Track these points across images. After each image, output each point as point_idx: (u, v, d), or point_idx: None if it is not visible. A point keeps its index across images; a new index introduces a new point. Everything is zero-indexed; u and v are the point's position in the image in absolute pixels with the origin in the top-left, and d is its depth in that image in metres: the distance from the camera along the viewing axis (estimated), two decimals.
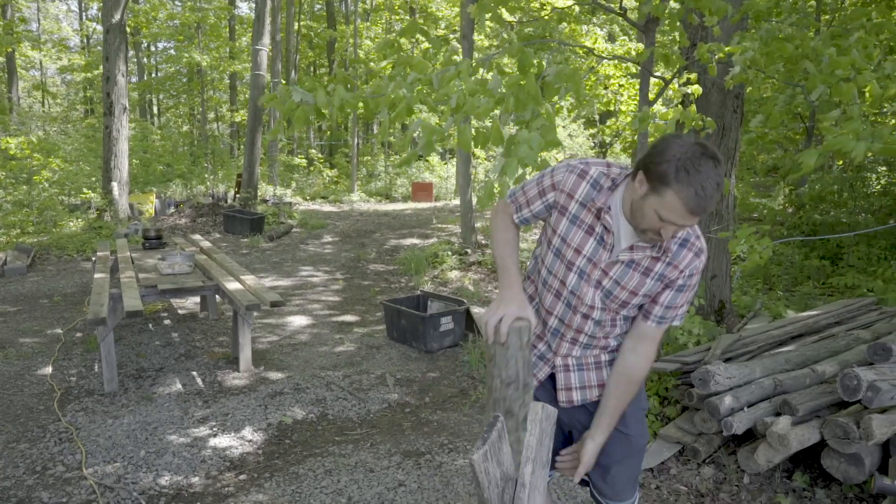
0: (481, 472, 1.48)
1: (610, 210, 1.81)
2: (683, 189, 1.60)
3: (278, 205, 14.05)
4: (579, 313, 1.91)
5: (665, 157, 1.63)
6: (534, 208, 1.94)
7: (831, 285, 7.25)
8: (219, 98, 26.55)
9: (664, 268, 1.82)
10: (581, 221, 1.85)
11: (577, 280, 1.88)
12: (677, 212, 1.63)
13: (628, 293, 1.85)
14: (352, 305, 7.17)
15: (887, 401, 3.06)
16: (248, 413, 4.24)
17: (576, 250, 1.86)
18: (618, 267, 1.83)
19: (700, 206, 1.60)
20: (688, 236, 1.82)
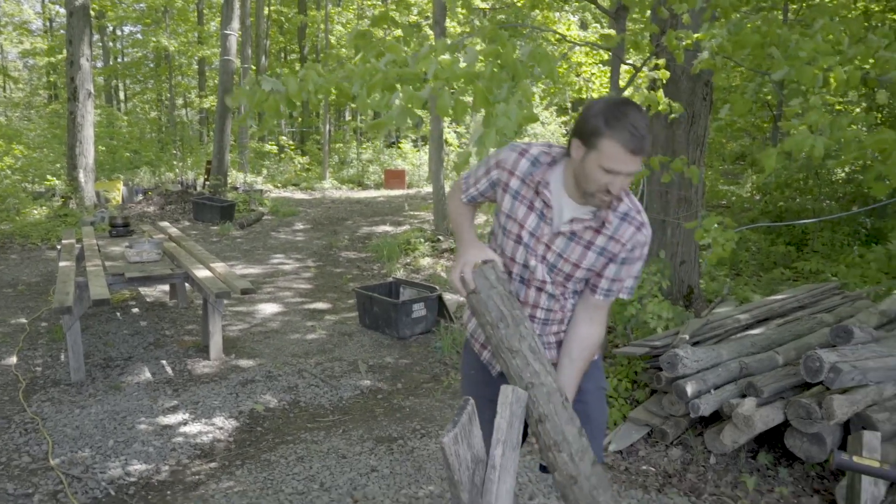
0: (452, 454, 1.49)
1: (549, 185, 1.86)
2: (617, 133, 1.66)
3: (249, 192, 13.88)
4: (533, 287, 1.95)
5: (591, 114, 1.71)
6: (479, 186, 2.01)
7: (796, 270, 7.40)
8: (187, 84, 26.10)
9: (606, 241, 1.85)
10: (522, 197, 1.90)
11: (524, 253, 1.92)
12: (618, 157, 1.67)
13: (571, 265, 1.89)
14: (324, 293, 7.13)
15: (848, 381, 3.14)
16: (219, 401, 4.21)
17: (520, 224, 1.91)
18: (560, 240, 1.87)
19: (638, 145, 1.66)
20: (628, 210, 1.85)
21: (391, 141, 23.62)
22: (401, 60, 2.62)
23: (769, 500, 3.07)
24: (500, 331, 1.75)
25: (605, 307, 1.98)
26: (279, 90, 2.75)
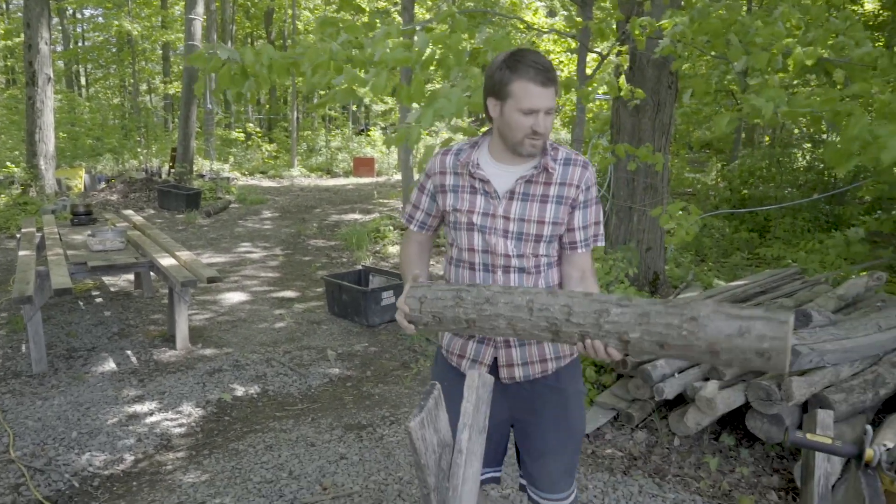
0: (418, 438, 1.50)
1: (479, 164, 1.89)
2: (523, 73, 1.72)
3: (215, 180, 13.68)
4: (499, 270, 1.90)
5: (494, 70, 1.79)
6: (423, 206, 2.03)
7: (758, 256, 7.56)
8: (151, 69, 25.54)
9: (559, 189, 1.86)
10: (462, 187, 1.92)
11: (481, 238, 1.89)
12: (532, 93, 1.73)
13: (536, 224, 1.87)
14: (292, 281, 7.08)
15: (806, 364, 3.22)
16: (186, 391, 4.16)
17: (469, 212, 1.90)
18: (515, 205, 1.86)
19: (547, 76, 1.72)
20: (568, 155, 1.89)
21: (360, 128, 23.47)
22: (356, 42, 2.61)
23: (731, 480, 3.15)
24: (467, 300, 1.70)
25: (590, 260, 1.97)
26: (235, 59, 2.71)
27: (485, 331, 1.71)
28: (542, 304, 1.62)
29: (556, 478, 2.02)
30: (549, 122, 1.78)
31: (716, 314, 1.42)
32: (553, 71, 1.75)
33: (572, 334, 1.58)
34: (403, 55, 2.57)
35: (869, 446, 1.19)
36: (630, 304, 1.53)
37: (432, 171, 1.99)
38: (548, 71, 1.73)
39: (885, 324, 3.76)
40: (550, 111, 1.77)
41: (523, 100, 1.73)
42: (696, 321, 1.43)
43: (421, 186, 2.03)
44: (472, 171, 1.88)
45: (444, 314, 1.73)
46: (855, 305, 4.50)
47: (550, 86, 1.74)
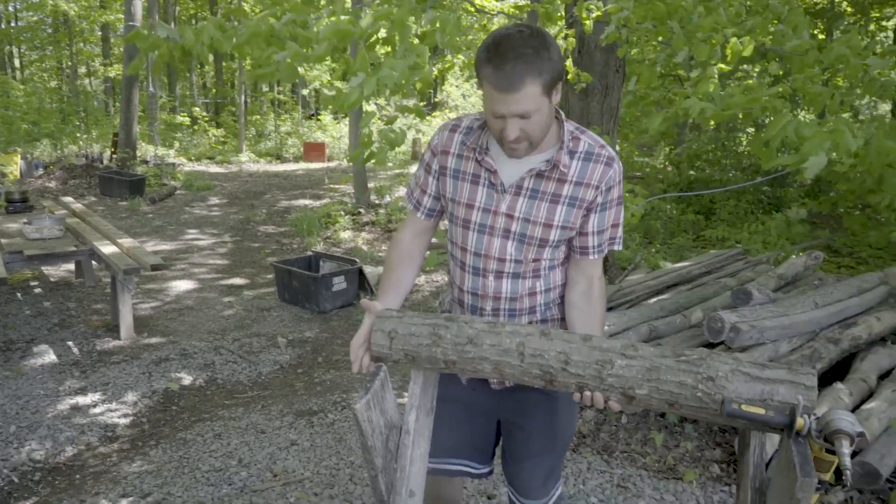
0: (364, 420, 1.49)
1: (488, 149, 1.64)
2: (486, 70, 1.47)
3: (160, 166, 13.31)
4: (490, 275, 1.70)
5: (481, 46, 1.51)
6: (429, 189, 1.77)
7: (704, 238, 7.75)
8: (90, 51, 24.60)
9: (574, 189, 1.62)
10: (463, 174, 1.69)
11: (477, 238, 1.69)
12: (492, 97, 1.48)
13: (543, 227, 1.64)
14: (241, 268, 6.96)
15: (747, 340, 3.32)
16: (131, 381, 4.06)
17: (467, 206, 1.68)
18: (521, 202, 1.63)
19: (502, 80, 1.44)
20: (590, 149, 1.62)
21: (311, 113, 23.12)
22: (300, 22, 2.57)
23: (675, 455, 3.23)
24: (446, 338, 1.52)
25: (600, 268, 1.76)
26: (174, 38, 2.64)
27: (467, 372, 1.55)
28: (534, 348, 1.45)
29: (537, 483, 1.90)
30: (529, 125, 1.51)
31: (734, 375, 1.32)
32: (526, 67, 1.43)
33: (569, 384, 1.45)
34: (346, 28, 2.54)
35: (800, 416, 1.23)
36: (637, 355, 1.40)
37: (437, 147, 1.73)
38: (512, 73, 1.43)
39: (822, 301, 3.90)
40: (527, 115, 1.48)
41: (488, 101, 1.50)
42: (713, 382, 1.32)
43: (427, 166, 1.76)
44: (479, 158, 1.65)
45: (418, 353, 1.55)
46: (794, 284, 4.65)
47: (514, 91, 1.44)
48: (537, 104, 1.48)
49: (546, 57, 1.46)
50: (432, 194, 1.78)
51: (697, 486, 2.99)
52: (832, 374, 3.74)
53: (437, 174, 1.74)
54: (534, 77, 1.44)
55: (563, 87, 1.61)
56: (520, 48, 1.44)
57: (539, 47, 1.45)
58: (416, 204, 1.81)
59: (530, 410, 1.81)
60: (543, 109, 1.51)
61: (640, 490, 2.96)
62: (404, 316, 1.60)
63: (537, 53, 1.44)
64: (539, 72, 1.45)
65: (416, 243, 1.83)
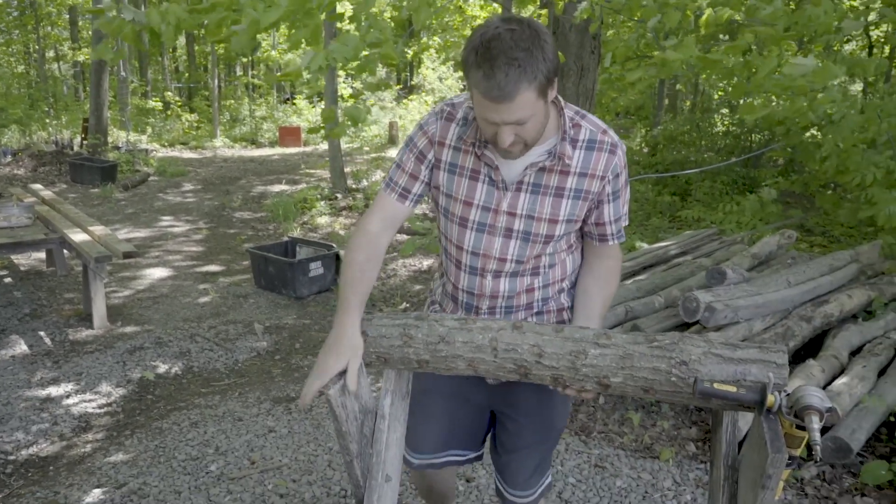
0: (338, 405, 1.47)
1: (487, 144, 1.52)
2: (474, 75, 1.34)
3: (133, 151, 13.08)
4: (489, 275, 1.63)
5: (466, 48, 1.37)
6: (422, 176, 1.63)
7: (680, 219, 7.81)
8: (58, 35, 24.03)
9: (579, 181, 1.54)
10: (461, 168, 1.58)
11: (476, 238, 1.60)
12: (481, 104, 1.37)
13: (548, 223, 1.56)
14: (216, 255, 6.88)
15: (721, 319, 3.36)
16: (105, 371, 4.00)
17: (465, 203, 1.58)
18: (524, 199, 1.55)
19: (491, 88, 1.32)
20: (592, 136, 1.53)
21: (286, 97, 22.86)
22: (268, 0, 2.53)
23: (652, 434, 3.27)
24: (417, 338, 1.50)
25: (619, 252, 1.72)
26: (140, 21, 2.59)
27: (440, 370, 1.53)
28: (507, 343, 1.44)
29: (527, 474, 1.87)
30: (523, 131, 1.40)
31: (707, 357, 1.33)
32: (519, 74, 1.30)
33: (544, 377, 1.44)
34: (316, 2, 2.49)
35: (770, 393, 1.24)
36: (610, 343, 1.39)
37: (433, 135, 1.59)
38: (504, 83, 1.30)
39: (794, 279, 3.96)
40: (522, 121, 1.38)
41: (479, 108, 1.40)
42: (686, 366, 1.33)
43: (420, 154, 1.62)
44: (479, 153, 1.54)
45: (390, 354, 1.53)
46: (768, 263, 4.71)
47: (506, 101, 1.32)
48: (533, 109, 1.37)
49: (540, 58, 1.32)
50: (425, 180, 1.64)
51: (674, 464, 3.03)
52: (805, 352, 3.80)
53: (431, 165, 1.62)
54: (529, 83, 1.32)
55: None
56: (511, 52, 1.30)
57: (531, 47, 1.31)
58: (403, 191, 1.64)
59: (525, 403, 1.78)
60: (540, 112, 1.40)
61: (618, 469, 2.99)
62: (373, 317, 1.57)
63: (530, 55, 1.31)
64: (534, 76, 1.32)
65: (383, 236, 1.64)
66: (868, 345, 3.69)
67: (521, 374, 1.46)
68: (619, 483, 2.89)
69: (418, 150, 1.62)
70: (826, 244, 6.64)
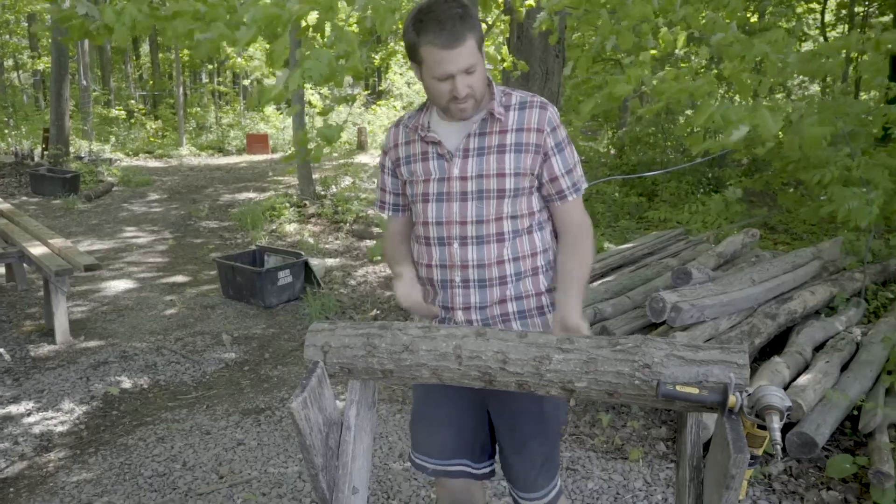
0: (301, 419, 1.45)
1: (429, 126, 1.75)
2: (425, 36, 1.57)
3: (95, 161, 12.84)
4: (455, 242, 1.73)
5: (405, 31, 1.64)
6: (388, 187, 1.90)
7: (647, 219, 7.89)
8: (17, 44, 23.52)
9: (516, 136, 1.70)
10: (413, 156, 1.78)
11: (437, 207, 1.75)
12: (439, 59, 1.58)
13: (497, 178, 1.69)
14: (183, 265, 6.78)
15: (688, 319, 3.39)
16: (68, 387, 3.91)
17: (424, 181, 1.76)
18: (471, 163, 1.70)
19: (448, 38, 1.55)
20: (523, 98, 1.72)
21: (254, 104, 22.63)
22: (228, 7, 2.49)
23: (623, 435, 3.28)
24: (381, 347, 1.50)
25: (582, 211, 1.80)
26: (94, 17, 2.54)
27: (406, 380, 1.55)
28: (471, 350, 1.45)
29: (533, 474, 1.86)
30: (473, 81, 1.61)
31: (669, 360, 1.34)
32: (462, 24, 1.55)
33: (509, 383, 1.44)
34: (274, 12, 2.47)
35: (732, 394, 1.25)
36: (573, 348, 1.40)
37: (387, 146, 1.85)
38: (452, 30, 1.55)
39: (758, 277, 4.02)
40: (471, 69, 1.60)
41: (433, 67, 1.59)
42: (649, 368, 1.34)
43: (382, 166, 1.90)
44: (422, 136, 1.75)
45: (354, 365, 1.54)
46: (733, 262, 4.78)
47: (459, 45, 1.55)
48: (476, 58, 1.61)
49: (472, 16, 1.60)
50: (392, 191, 1.90)
51: (644, 464, 3.05)
52: (771, 348, 3.86)
53: (392, 170, 1.86)
54: (471, 32, 1.58)
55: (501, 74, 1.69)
56: (450, 10, 1.57)
57: (464, 9, 1.59)
58: (383, 205, 1.94)
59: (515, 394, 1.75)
60: (481, 65, 1.64)
61: (589, 471, 3.00)
62: (336, 328, 1.57)
63: (466, 12, 1.58)
64: (473, 27, 1.59)
65: (403, 236, 1.93)
66: (831, 340, 3.76)
67: (486, 381, 1.46)
68: (590, 485, 2.90)
69: (382, 167, 1.90)
70: (789, 241, 6.77)
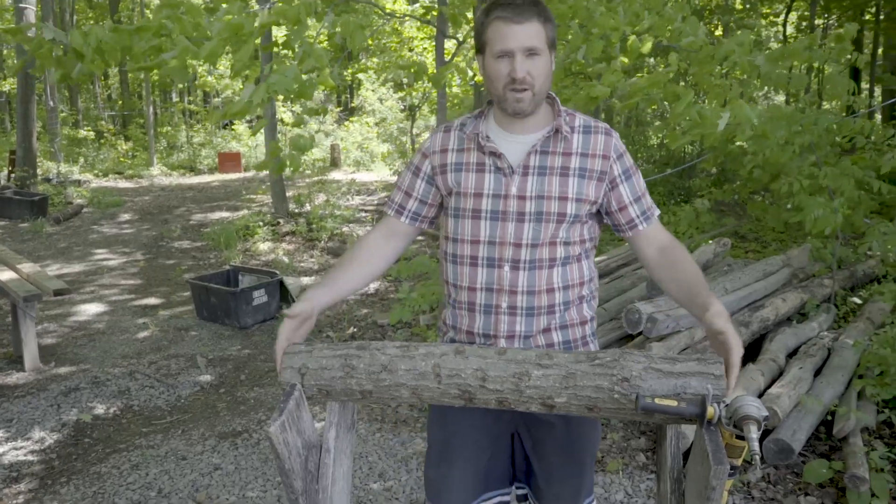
0: (280, 443, 1.43)
1: (488, 136, 1.65)
2: (493, 13, 1.54)
3: (64, 183, 12.65)
4: (506, 265, 1.62)
5: (475, 21, 1.62)
6: (417, 192, 1.74)
7: None
8: None
9: (581, 160, 1.62)
10: (467, 165, 1.66)
11: (491, 226, 1.63)
12: (503, 33, 1.52)
13: (559, 201, 1.60)
14: (155, 287, 6.68)
15: (664, 329, 3.42)
16: (38, 415, 3.82)
17: (475, 195, 1.63)
18: (532, 182, 1.60)
19: (515, 11, 1.51)
20: (587, 122, 1.66)
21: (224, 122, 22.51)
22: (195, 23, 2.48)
23: (603, 447, 3.29)
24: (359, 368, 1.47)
25: (663, 231, 1.71)
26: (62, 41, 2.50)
27: (385, 401, 1.52)
28: (450, 369, 1.43)
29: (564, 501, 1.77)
30: (534, 66, 1.54)
31: (647, 373, 1.34)
32: (533, 7, 1.52)
33: (489, 400, 1.43)
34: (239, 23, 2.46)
35: (710, 405, 1.26)
36: (552, 363, 1.39)
37: (431, 149, 1.71)
38: (522, 7, 1.50)
39: (731, 286, 4.07)
40: (534, 52, 1.52)
41: (496, 42, 1.53)
42: (628, 382, 1.34)
43: (415, 169, 1.74)
44: (481, 144, 1.63)
45: (332, 386, 1.51)
46: (706, 271, 4.84)
47: (525, 21, 1.50)
48: (542, 44, 1.54)
49: (547, 9, 1.56)
50: (419, 198, 1.74)
51: (625, 475, 3.05)
52: (746, 356, 3.90)
53: (430, 176, 1.72)
54: (540, 18, 1.53)
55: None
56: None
57: (540, 3, 1.56)
58: (399, 208, 1.77)
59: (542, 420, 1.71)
60: (547, 58, 1.57)
61: None
62: (314, 349, 1.54)
63: (541, 3, 1.55)
64: (545, 17, 1.55)
65: (384, 245, 1.77)
66: (803, 346, 3.81)
67: (466, 400, 1.45)
68: None
69: (414, 167, 1.75)
70: (759, 249, 6.87)
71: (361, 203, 11.06)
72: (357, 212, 9.98)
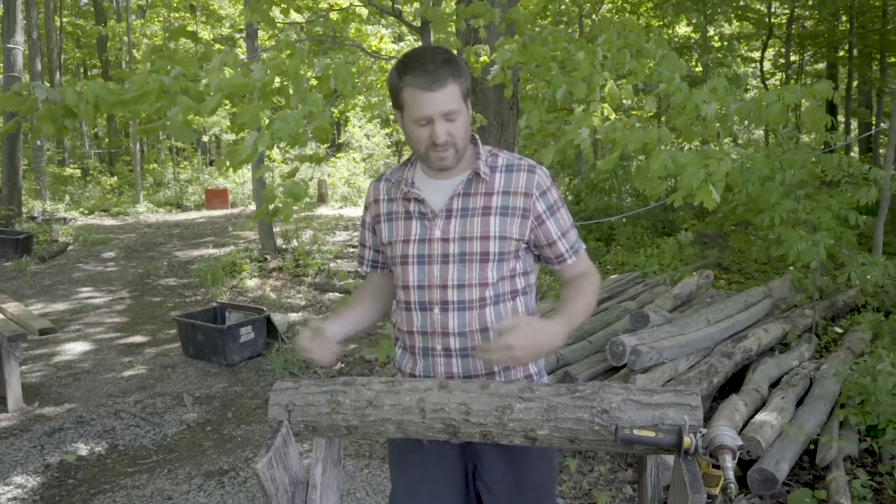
0: (267, 479, 1.45)
1: (413, 182, 1.69)
2: (409, 79, 1.53)
3: (49, 221, 12.61)
4: (436, 307, 1.65)
5: (389, 77, 1.62)
6: (368, 242, 1.83)
7: (606, 263, 8.05)
8: None
9: (503, 199, 1.64)
10: (395, 214, 1.71)
11: (418, 270, 1.66)
12: (420, 101, 1.53)
13: (481, 241, 1.62)
14: (141, 325, 6.65)
15: (648, 361, 3.46)
16: (21, 457, 3.77)
17: (404, 241, 1.68)
18: (454, 224, 1.64)
19: (431, 79, 1.51)
20: (510, 161, 1.67)
21: (211, 159, 22.60)
22: (190, 75, 2.54)
23: (590, 479, 3.30)
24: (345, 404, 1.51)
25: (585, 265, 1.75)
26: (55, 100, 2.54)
27: (371, 436, 1.55)
28: (435, 403, 1.46)
29: None
30: (454, 129, 1.56)
31: (626, 404, 1.38)
32: (447, 68, 1.52)
33: (473, 434, 1.46)
34: (240, 81, 2.52)
35: (686, 435, 1.30)
36: (534, 396, 1.43)
37: (368, 200, 1.79)
38: (435, 72, 1.50)
39: (714, 318, 4.13)
40: (452, 115, 1.54)
41: (413, 109, 1.54)
42: (607, 414, 1.37)
43: (363, 221, 1.83)
44: (405, 192, 1.67)
45: (319, 422, 1.54)
46: (689, 303, 4.91)
47: (440, 88, 1.51)
48: (459, 105, 1.56)
49: (459, 64, 1.57)
50: (372, 247, 1.83)
51: None
52: (729, 387, 3.95)
53: (372, 227, 1.79)
54: (455, 78, 1.54)
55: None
56: (435, 55, 1.55)
57: (451, 57, 1.57)
58: (362, 260, 1.88)
59: (489, 463, 1.71)
60: (465, 114, 1.59)
61: None
62: (300, 386, 1.58)
63: (452, 59, 1.56)
64: (458, 74, 1.55)
65: (378, 290, 1.88)
66: (786, 376, 3.86)
67: (451, 433, 1.48)
68: None
69: (363, 220, 1.84)
70: (742, 280, 6.96)
71: (349, 238, 11.10)
72: (345, 247, 10.02)
